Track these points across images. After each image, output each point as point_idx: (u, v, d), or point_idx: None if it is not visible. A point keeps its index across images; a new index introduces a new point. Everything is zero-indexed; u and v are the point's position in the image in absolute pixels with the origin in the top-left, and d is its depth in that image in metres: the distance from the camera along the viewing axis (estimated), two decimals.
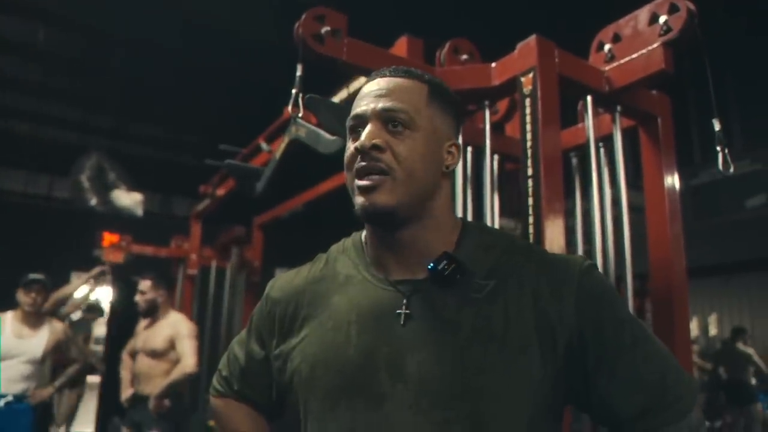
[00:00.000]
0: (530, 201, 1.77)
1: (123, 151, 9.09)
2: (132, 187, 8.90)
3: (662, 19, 1.87)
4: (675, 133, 2.24)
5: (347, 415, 0.85)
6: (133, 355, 3.76)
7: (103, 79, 7.25)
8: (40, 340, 3.54)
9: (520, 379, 0.82)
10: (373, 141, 0.86)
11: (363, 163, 0.87)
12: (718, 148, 1.76)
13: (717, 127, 1.76)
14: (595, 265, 0.91)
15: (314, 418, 0.89)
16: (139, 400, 3.54)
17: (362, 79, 2.27)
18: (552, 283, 0.86)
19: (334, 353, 0.88)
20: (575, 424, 2.03)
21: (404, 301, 0.87)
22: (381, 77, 0.93)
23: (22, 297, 3.54)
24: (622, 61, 1.98)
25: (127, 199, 8.73)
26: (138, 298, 3.67)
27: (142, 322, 3.78)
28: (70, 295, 4.47)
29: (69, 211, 8.56)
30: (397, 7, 4.02)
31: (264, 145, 3.42)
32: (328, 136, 1.78)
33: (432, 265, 0.86)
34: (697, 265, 7.31)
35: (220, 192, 4.40)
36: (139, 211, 8.83)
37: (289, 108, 1.79)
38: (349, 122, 0.93)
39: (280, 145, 2.00)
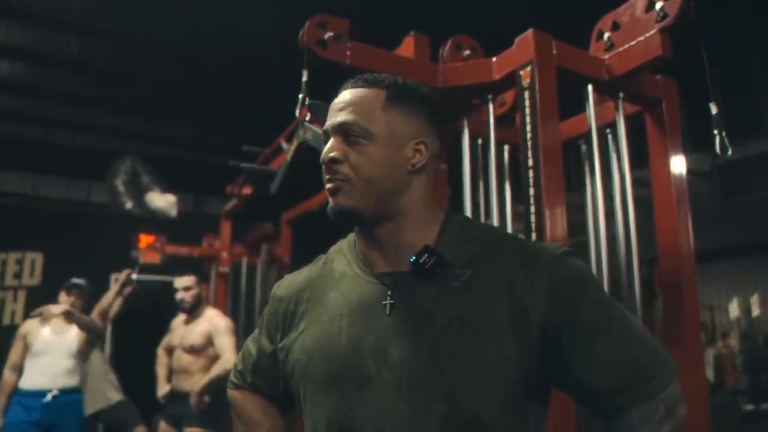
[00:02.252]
0: (531, 191, 1.82)
1: (155, 153, 9.36)
2: (165, 188, 9.18)
3: (658, 5, 1.89)
4: (697, 113, 2.25)
5: (340, 398, 0.93)
6: (170, 351, 3.86)
7: (133, 84, 7.47)
8: (73, 335, 3.79)
9: (491, 362, 0.88)
10: (330, 155, 0.96)
11: (327, 175, 0.97)
12: (715, 132, 1.78)
13: (714, 110, 1.78)
14: (569, 252, 0.96)
15: (312, 403, 0.98)
16: (177, 395, 3.62)
17: None
18: (525, 271, 0.91)
19: (328, 343, 0.97)
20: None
21: (389, 293, 0.95)
22: (344, 89, 1.01)
23: (63, 298, 3.84)
24: (621, 49, 2.01)
25: (161, 200, 9.00)
26: (182, 294, 3.72)
27: (179, 318, 3.86)
28: (110, 304, 4.62)
29: (107, 215, 8.88)
30: (401, 6, 4.06)
31: (284, 145, 3.51)
32: None
33: (414, 258, 0.93)
34: (729, 244, 7.20)
35: (246, 191, 4.53)
36: (173, 212, 9.10)
37: (297, 112, 1.88)
38: (322, 131, 1.03)
39: (290, 148, 2.09)
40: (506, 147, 2.57)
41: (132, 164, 9.01)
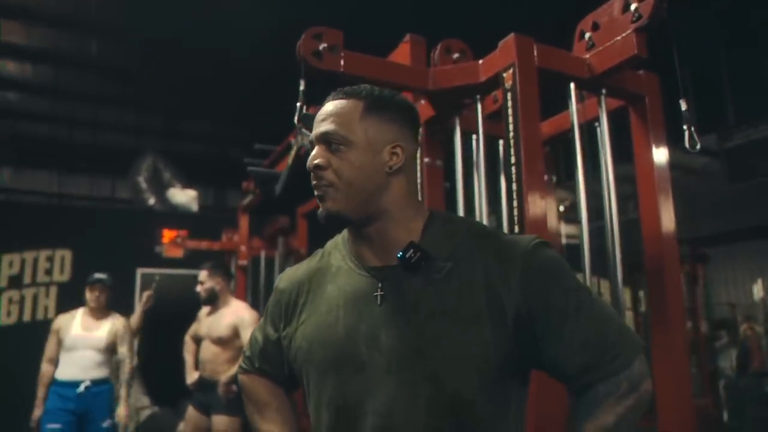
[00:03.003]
0: (514, 186, 1.95)
1: (175, 150, 9.59)
2: (186, 184, 9.41)
3: (633, 6, 1.99)
4: (706, 98, 2.33)
5: (338, 380, 1.04)
6: (197, 340, 3.97)
7: (152, 83, 7.67)
8: (102, 332, 4.02)
9: (472, 345, 0.97)
10: (315, 162, 1.06)
11: (314, 181, 1.07)
12: (685, 127, 1.88)
13: (684, 107, 1.88)
14: (542, 243, 1.04)
15: (314, 385, 1.09)
16: (205, 384, 3.74)
17: None
18: (500, 262, 1.00)
19: (327, 332, 1.07)
20: None
21: (379, 285, 1.05)
22: (328, 101, 1.11)
23: (88, 294, 4.05)
24: (600, 48, 2.11)
25: (183, 196, 9.27)
26: (198, 288, 3.85)
27: (204, 310, 3.97)
28: (138, 325, 4.78)
29: (131, 211, 9.15)
30: (396, 11, 4.15)
31: (294, 142, 3.68)
32: None
33: (401, 254, 1.03)
34: (735, 228, 7.15)
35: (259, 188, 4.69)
36: (195, 207, 9.36)
37: (295, 119, 2.02)
38: (308, 141, 1.13)
39: (291, 152, 2.24)
40: (501, 142, 2.68)
41: (153, 161, 9.28)
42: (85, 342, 3.95)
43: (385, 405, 0.99)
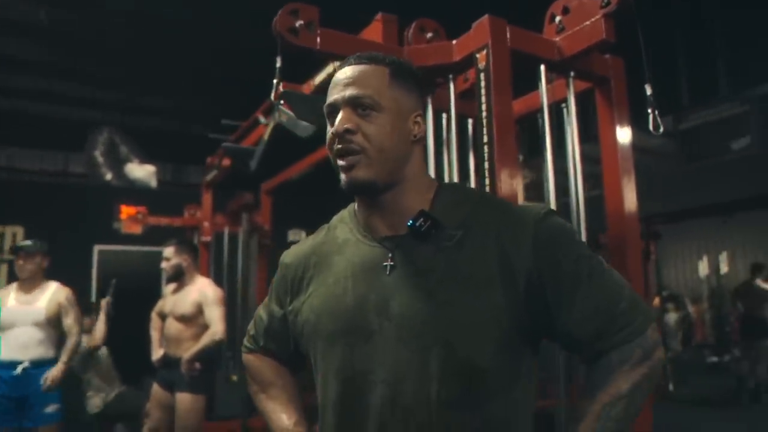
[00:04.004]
0: (486, 165, 2.01)
1: (133, 124, 9.34)
2: (145, 159, 9.21)
3: None
4: (661, 80, 2.43)
5: (346, 350, 1.02)
6: (162, 317, 3.92)
7: (110, 54, 7.41)
8: (41, 303, 3.65)
9: (483, 311, 0.96)
10: (345, 126, 1.01)
11: (339, 146, 1.02)
12: (649, 110, 1.97)
13: (648, 91, 1.97)
14: (552, 211, 1.03)
15: (321, 357, 1.07)
16: (169, 361, 3.70)
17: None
18: (512, 229, 1.00)
19: (335, 303, 1.05)
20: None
21: (389, 255, 1.03)
22: (348, 66, 1.07)
23: (16, 266, 3.70)
24: (570, 32, 2.18)
25: (141, 171, 9.08)
26: (163, 264, 3.78)
27: (170, 287, 3.93)
28: (104, 332, 4.42)
29: (86, 186, 8.91)
30: None
31: (261, 119, 3.65)
32: (303, 122, 2.02)
33: (411, 222, 1.01)
34: (694, 206, 7.49)
35: (226, 163, 4.65)
36: (153, 183, 9.18)
37: (272, 96, 2.02)
38: (325, 109, 1.07)
39: (267, 128, 2.24)
40: (470, 120, 2.74)
41: (110, 135, 9.03)
42: (22, 316, 3.57)
43: (395, 374, 0.97)
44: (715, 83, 5.16)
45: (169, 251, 3.79)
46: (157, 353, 3.87)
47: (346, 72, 1.06)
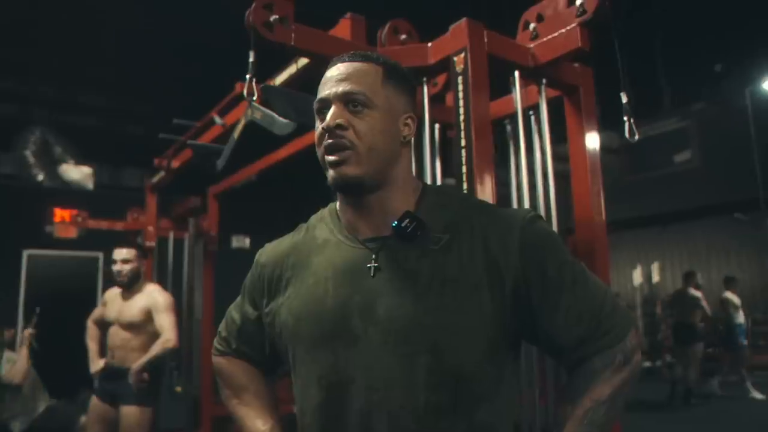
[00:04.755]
0: (464, 168, 1.99)
1: (68, 122, 8.90)
2: (80, 160, 8.78)
3: (578, 1, 2.08)
4: (612, 97, 2.47)
5: (329, 356, 0.99)
6: (103, 325, 3.69)
7: (45, 47, 7.03)
8: None
9: (472, 315, 0.96)
10: (337, 121, 0.99)
11: (330, 141, 1.00)
12: (625, 118, 2.00)
13: (624, 99, 2.00)
14: (538, 216, 1.04)
15: (301, 362, 1.04)
16: (114, 372, 3.48)
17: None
18: (499, 233, 0.99)
19: (315, 305, 1.02)
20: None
21: (373, 256, 1.01)
22: (341, 63, 1.05)
23: None
24: (544, 39, 2.20)
25: (77, 172, 8.65)
26: (119, 267, 3.50)
27: (113, 292, 3.68)
28: (23, 371, 4.19)
29: (15, 188, 8.41)
30: None
31: (217, 119, 3.52)
32: (282, 119, 1.95)
33: (396, 223, 1.00)
34: (634, 216, 7.83)
35: (176, 164, 4.48)
36: (90, 185, 8.77)
37: (245, 92, 1.94)
38: (315, 105, 1.05)
39: (238, 126, 2.15)
40: (437, 125, 2.72)
41: (43, 134, 8.57)
42: None
43: (381, 379, 0.96)
44: (659, 100, 5.39)
45: (128, 253, 3.54)
46: (96, 364, 3.62)
47: (339, 68, 1.04)
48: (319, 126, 1.03)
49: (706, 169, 5.86)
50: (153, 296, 3.55)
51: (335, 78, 1.03)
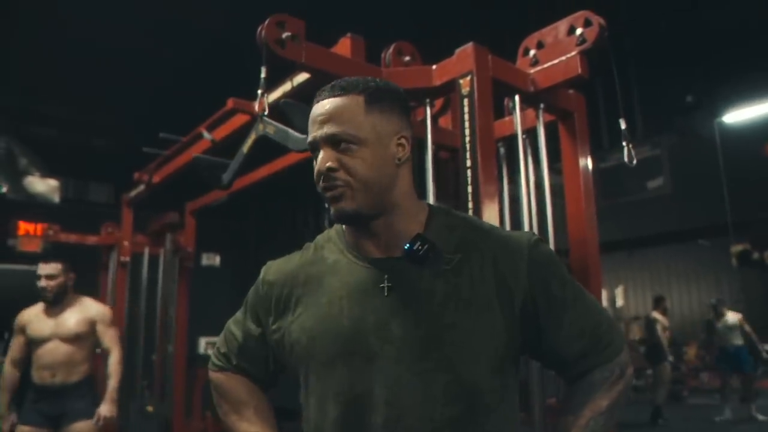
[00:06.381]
0: (469, 189, 2.04)
1: (32, 134, 8.66)
2: (46, 173, 8.55)
3: (578, 31, 2.18)
4: (588, 123, 2.57)
5: (345, 373, 1.01)
6: (33, 344, 3.38)
7: (8, 55, 6.83)
8: None
9: (484, 332, 1.00)
10: (327, 165, 1.01)
11: (324, 184, 1.03)
12: (624, 144, 2.09)
13: (623, 125, 2.09)
14: (541, 239, 1.09)
15: (317, 379, 1.05)
16: (57, 392, 3.28)
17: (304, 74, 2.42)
18: (507, 254, 1.04)
19: (330, 324, 1.04)
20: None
21: (385, 276, 1.03)
22: (323, 99, 1.05)
23: None
24: (545, 66, 2.28)
25: (42, 185, 8.41)
26: (44, 283, 3.33)
27: (30, 311, 3.44)
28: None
29: None
30: (343, 9, 4.16)
31: (206, 134, 3.51)
32: (297, 134, 1.97)
33: (408, 245, 1.02)
34: (604, 240, 8.01)
35: (157, 179, 4.42)
36: (56, 198, 8.53)
37: (256, 107, 1.95)
38: (308, 145, 1.07)
39: (247, 141, 2.16)
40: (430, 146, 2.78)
41: (8, 144, 8.32)
42: None
43: (397, 395, 0.98)
44: (633, 128, 5.58)
45: (54, 268, 3.36)
46: (6, 420, 3.32)
47: (323, 106, 1.05)
48: (315, 166, 1.05)
49: (677, 196, 6.10)
50: (94, 309, 3.46)
51: (319, 119, 1.04)
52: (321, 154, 1.03)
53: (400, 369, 0.99)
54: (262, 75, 1.98)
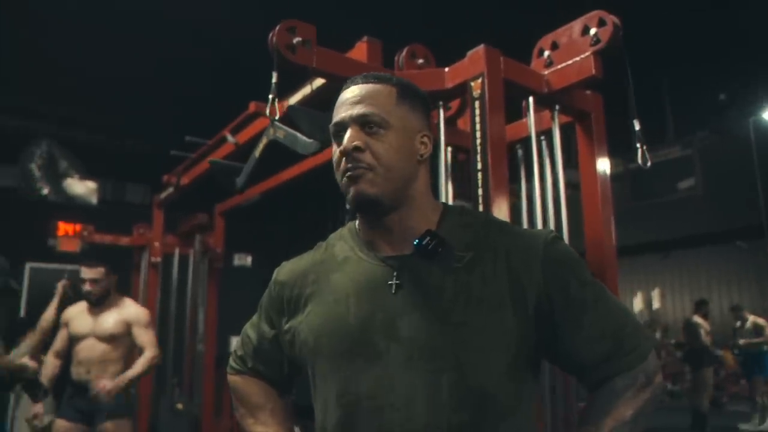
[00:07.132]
0: (480, 191, 2.03)
1: (71, 137, 8.93)
2: (84, 175, 8.81)
3: (592, 31, 2.14)
4: (617, 124, 2.52)
5: (350, 373, 0.99)
6: (67, 345, 3.58)
7: (51, 66, 7.08)
8: None
9: (496, 332, 0.96)
10: (354, 143, 1.00)
11: (348, 164, 1.01)
12: (638, 145, 2.05)
13: (637, 127, 2.05)
14: (559, 237, 1.05)
15: (322, 379, 1.03)
16: (87, 388, 3.36)
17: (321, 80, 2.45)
18: (522, 252, 1.00)
19: (337, 322, 1.02)
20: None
21: (394, 273, 1.01)
22: (354, 85, 1.06)
23: None
24: (559, 67, 2.26)
25: (81, 187, 8.68)
26: (89, 287, 3.47)
27: (75, 308, 3.62)
28: (51, 319, 3.95)
29: (18, 201, 8.42)
30: (355, 12, 4.18)
31: (230, 137, 3.58)
32: (305, 138, 2.00)
33: (417, 241, 1.00)
34: (637, 242, 7.86)
35: (185, 181, 4.52)
36: (94, 200, 8.79)
37: (267, 112, 1.98)
38: (331, 128, 1.06)
39: (259, 145, 2.20)
40: (449, 148, 2.77)
41: (49, 148, 8.61)
42: None
43: (404, 397, 0.95)
44: (663, 128, 5.47)
45: (97, 272, 3.50)
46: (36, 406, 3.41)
47: (353, 90, 1.06)
48: (336, 149, 1.04)
49: (709, 197, 5.94)
50: (132, 310, 3.58)
51: (350, 101, 1.04)
52: (348, 133, 1.02)
53: (406, 370, 0.96)
54: (273, 80, 2.01)
